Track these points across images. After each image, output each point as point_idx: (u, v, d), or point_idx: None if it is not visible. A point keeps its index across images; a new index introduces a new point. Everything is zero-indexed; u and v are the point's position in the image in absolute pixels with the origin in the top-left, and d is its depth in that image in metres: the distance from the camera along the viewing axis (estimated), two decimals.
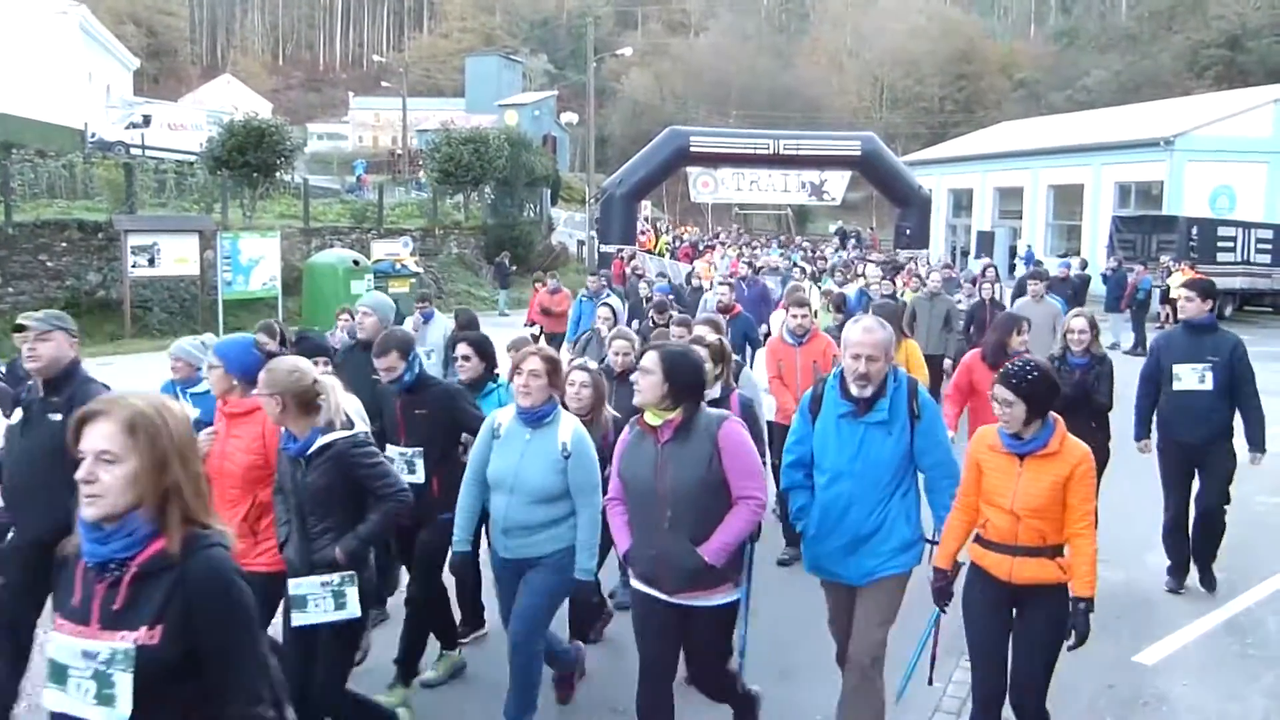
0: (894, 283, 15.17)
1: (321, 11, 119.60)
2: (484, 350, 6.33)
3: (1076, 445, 4.36)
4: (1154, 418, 7.39)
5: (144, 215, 22.81)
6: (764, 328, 12.84)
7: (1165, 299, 24.77)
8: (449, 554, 5.16)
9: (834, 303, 11.50)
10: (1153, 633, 6.35)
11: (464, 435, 5.83)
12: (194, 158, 30.50)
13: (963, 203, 44.02)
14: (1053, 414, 4.35)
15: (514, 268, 29.57)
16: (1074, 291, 17.57)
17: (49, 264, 20.36)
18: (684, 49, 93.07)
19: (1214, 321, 7.11)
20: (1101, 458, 6.61)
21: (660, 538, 4.29)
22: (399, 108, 62.04)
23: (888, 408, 4.52)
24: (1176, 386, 7.05)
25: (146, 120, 37.81)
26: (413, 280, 25.30)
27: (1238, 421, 7.17)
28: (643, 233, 39.02)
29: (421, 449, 5.53)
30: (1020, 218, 39.57)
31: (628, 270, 21.13)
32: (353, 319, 9.57)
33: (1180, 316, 7.23)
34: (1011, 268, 31.36)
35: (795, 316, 8.17)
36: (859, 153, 31.67)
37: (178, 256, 20.95)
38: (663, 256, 34.22)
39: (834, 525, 4.62)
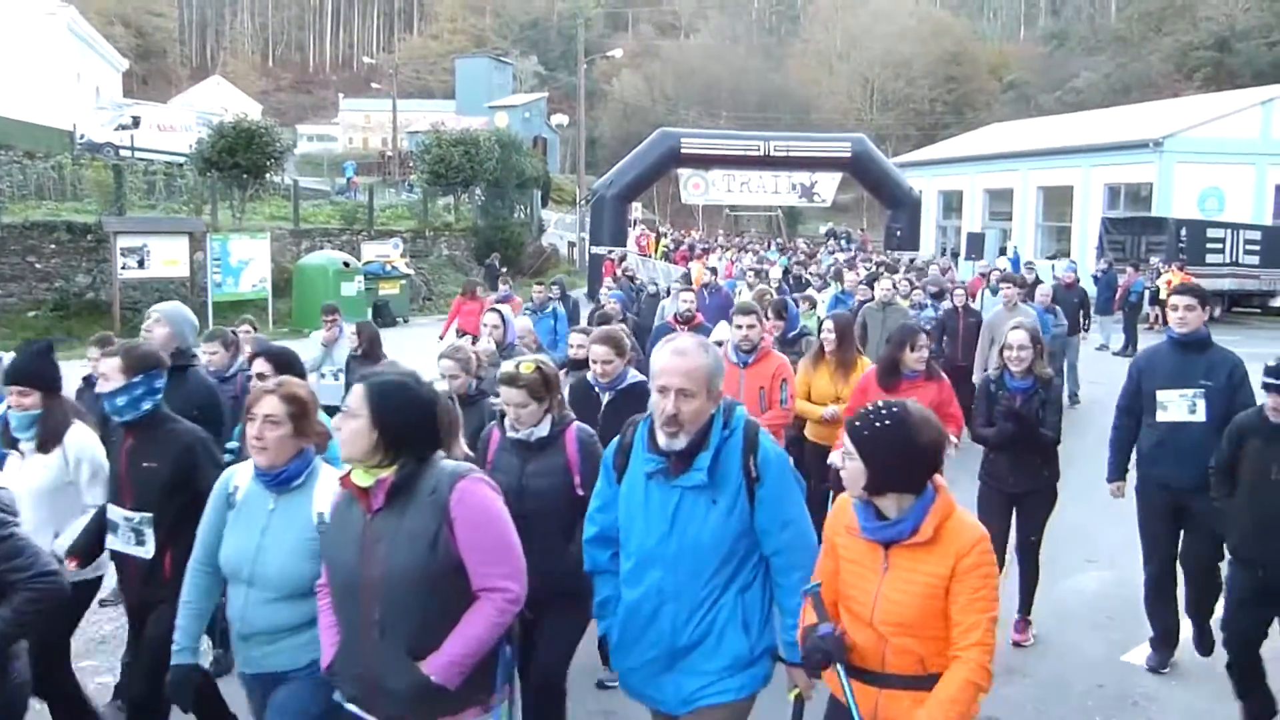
0: (871, 288, 13.52)
1: (311, 13, 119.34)
2: (290, 370, 4.90)
3: (963, 529, 3.03)
4: (1132, 454, 6.16)
5: (133, 217, 22.76)
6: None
7: (1155, 300, 24.88)
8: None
9: (774, 309, 8.85)
10: (1142, 633, 6.35)
11: None
12: (183, 159, 30.45)
13: (953, 204, 44.06)
14: (935, 482, 3.05)
15: (504, 269, 29.53)
16: (1080, 301, 15.48)
17: (38, 266, 20.30)
18: (674, 50, 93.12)
19: (1208, 336, 5.73)
20: (1048, 502, 6.31)
21: (368, 648, 3.06)
22: (389, 109, 61.93)
23: (708, 466, 3.26)
24: (1161, 417, 5.73)
25: (136, 122, 37.72)
26: (403, 282, 25.33)
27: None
28: (641, 236, 39.06)
29: (150, 514, 4.19)
30: (1010, 219, 39.63)
31: (619, 272, 21.13)
32: (340, 319, 9.50)
33: (1177, 330, 5.72)
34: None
35: (740, 328, 6.73)
36: (849, 154, 31.68)
37: (167, 258, 20.90)
38: (660, 259, 34.20)
39: (642, 630, 3.41)
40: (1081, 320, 15.44)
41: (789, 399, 6.72)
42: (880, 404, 3.06)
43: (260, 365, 5.16)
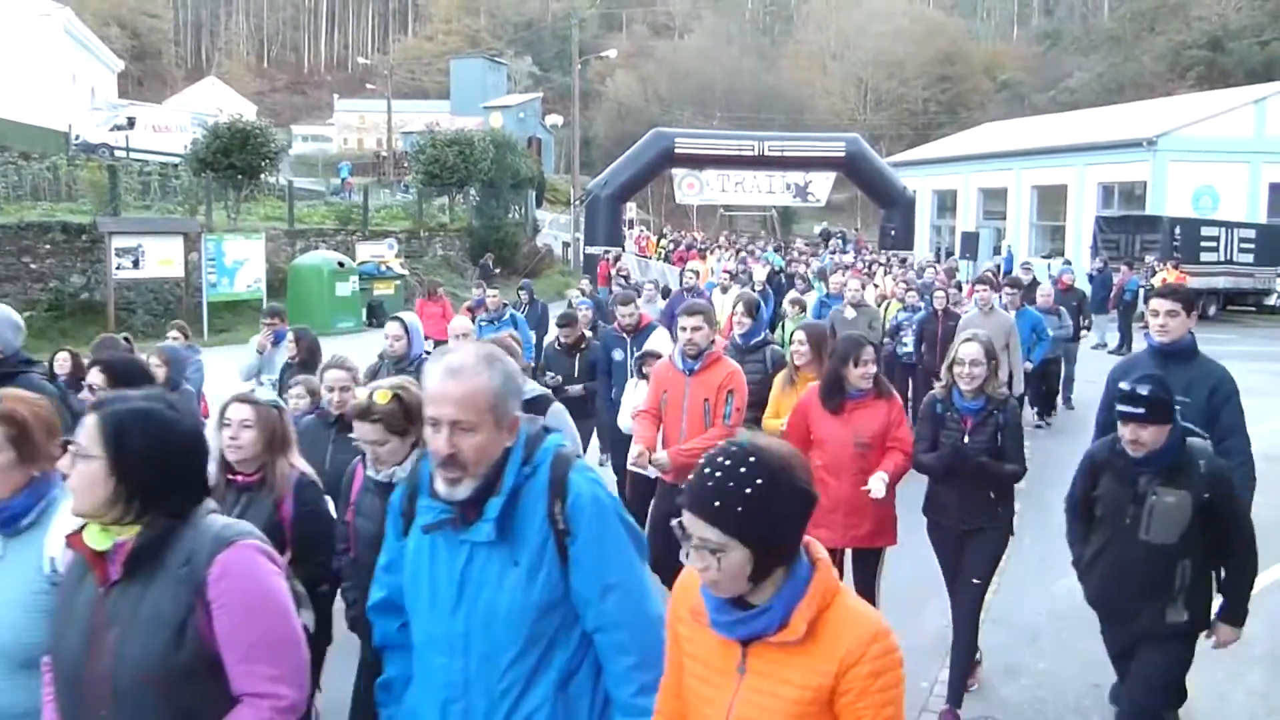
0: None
1: (306, 14, 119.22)
2: (128, 381, 4.25)
3: (854, 623, 2.10)
4: None
5: (128, 217, 22.73)
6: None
7: (1149, 298, 24.94)
8: None
9: (744, 305, 7.53)
10: None
11: None
12: (178, 160, 30.42)
13: (947, 204, 44.13)
14: (813, 552, 2.16)
15: (498, 270, 29.55)
16: (1078, 304, 14.63)
17: (33, 266, 20.26)
18: (668, 51, 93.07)
19: (1193, 346, 5.03)
20: (999, 542, 5.50)
21: None
22: (384, 110, 61.95)
23: (498, 515, 2.47)
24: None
25: (131, 122, 37.66)
26: (398, 282, 25.32)
27: None
28: (641, 237, 39.11)
29: None
30: (1004, 218, 39.70)
31: (613, 272, 21.15)
32: (282, 324, 8.70)
33: (1157, 339, 5.04)
34: (996, 269, 31.39)
35: (685, 330, 5.94)
36: (843, 154, 31.76)
37: (162, 258, 20.89)
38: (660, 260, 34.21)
39: None
40: (1080, 323, 14.70)
41: (734, 414, 5.85)
42: (726, 455, 2.03)
43: (94, 376, 4.42)
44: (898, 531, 5.57)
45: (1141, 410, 4.04)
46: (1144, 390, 4.04)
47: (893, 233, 32.48)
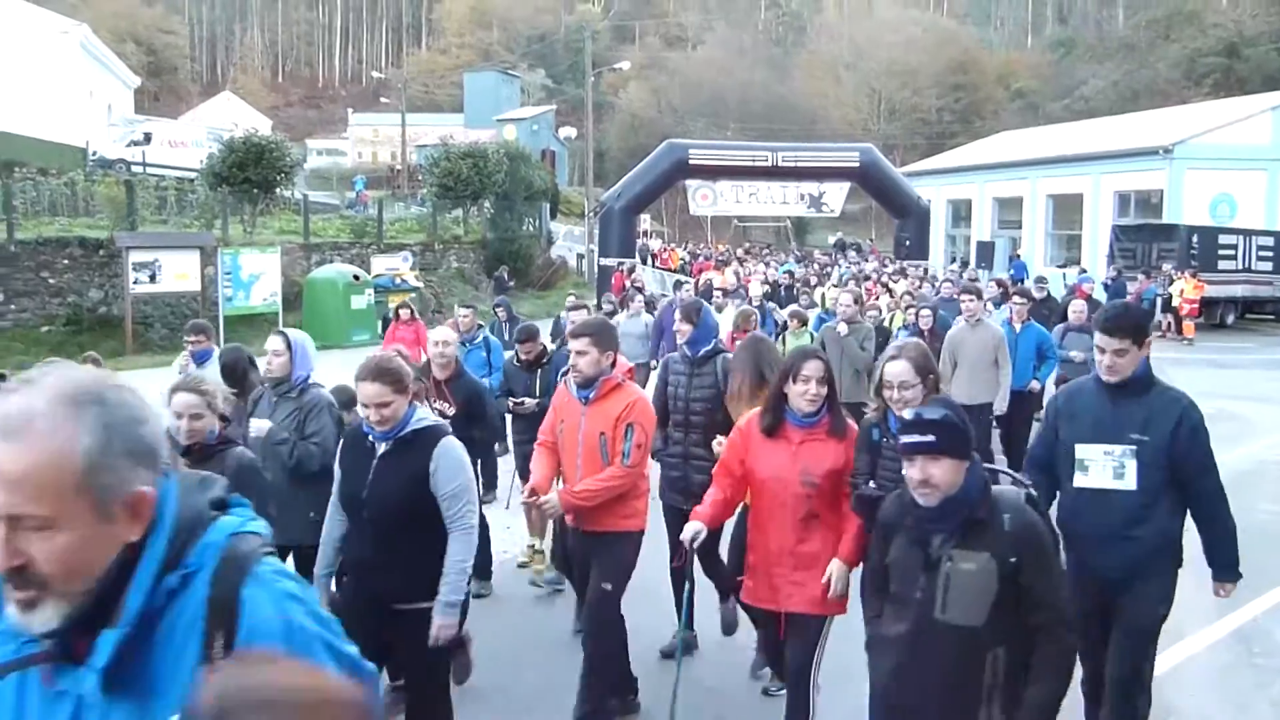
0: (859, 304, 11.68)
1: (320, 29, 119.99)
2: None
3: None
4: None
5: (145, 232, 22.88)
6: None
7: (1166, 307, 24.80)
8: None
9: (683, 312, 6.57)
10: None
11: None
12: (194, 174, 30.60)
13: (962, 213, 44.03)
14: None
15: (513, 282, 29.61)
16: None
17: (51, 281, 20.41)
18: (681, 62, 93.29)
19: (1147, 374, 4.32)
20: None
21: None
22: (398, 123, 62.19)
23: (111, 660, 1.51)
24: (1080, 481, 4.29)
25: (147, 138, 37.90)
26: (412, 295, 25.38)
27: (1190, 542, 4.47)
28: (663, 250, 39.22)
29: None
30: (1019, 228, 39.59)
31: (628, 283, 21.15)
32: (209, 341, 8.18)
33: (1105, 377, 4.28)
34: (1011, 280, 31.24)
35: (578, 353, 5.07)
36: (857, 164, 31.71)
37: (179, 273, 21.00)
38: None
39: None
40: None
41: (635, 452, 4.98)
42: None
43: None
44: (849, 597, 4.45)
45: (931, 438, 3.17)
46: (933, 414, 3.22)
47: (907, 242, 32.38)
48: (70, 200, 24.74)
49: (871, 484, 4.26)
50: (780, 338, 11.81)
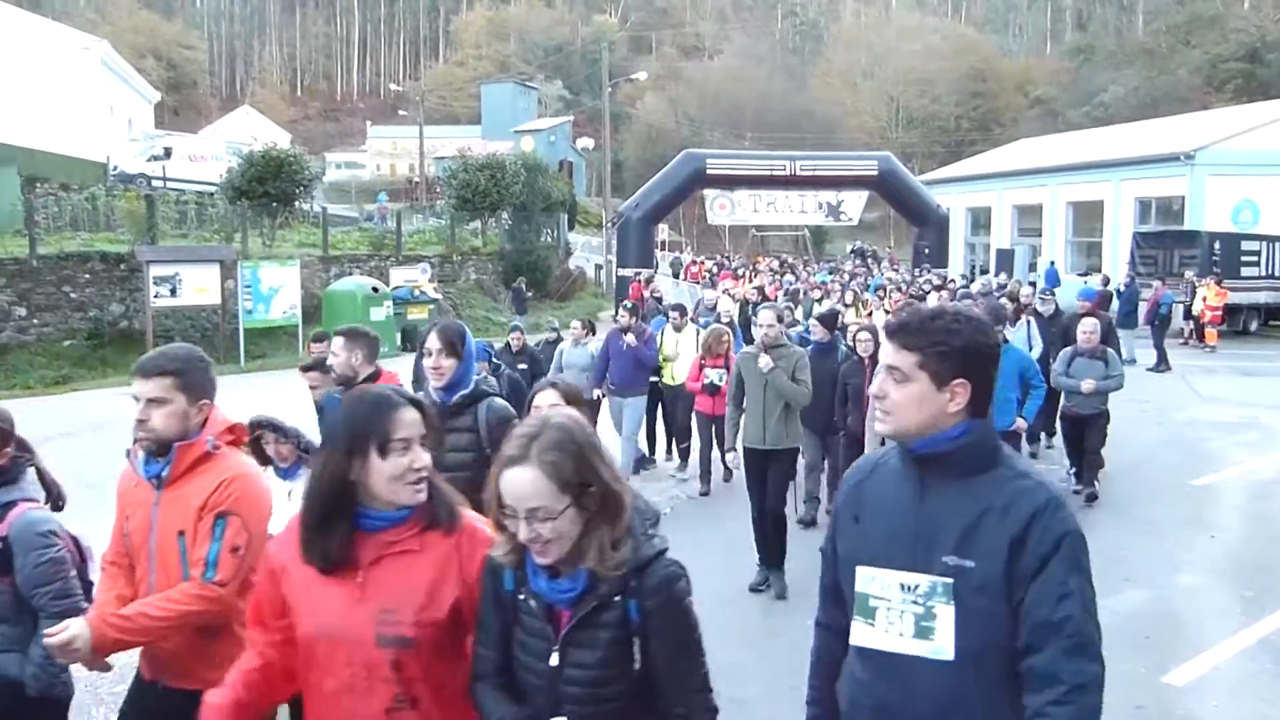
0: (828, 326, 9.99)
1: (338, 42, 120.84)
2: None
3: None
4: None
5: (165, 246, 23.03)
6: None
7: (1189, 315, 24.58)
8: None
9: (442, 338, 4.64)
10: (1182, 653, 6.25)
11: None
12: (214, 188, 30.82)
13: (981, 221, 43.87)
14: None
15: (531, 293, 29.66)
16: (1107, 330, 11.26)
17: (73, 295, 20.55)
18: (698, 72, 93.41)
19: (983, 438, 2.38)
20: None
21: None
22: (416, 136, 62.47)
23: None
24: (862, 637, 2.45)
25: (167, 152, 38.23)
26: (431, 306, 25.47)
27: None
28: (693, 263, 39.20)
29: None
30: (1039, 235, 39.41)
31: (646, 294, 21.10)
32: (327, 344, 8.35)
33: (878, 427, 2.58)
34: (1031, 284, 31.04)
35: (151, 402, 3.19)
36: (876, 172, 31.66)
37: (199, 286, 21.11)
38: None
39: None
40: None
41: (224, 559, 3.12)
42: None
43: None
44: None
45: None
46: None
47: (926, 251, 32.30)
48: (91, 215, 24.92)
49: None
50: None
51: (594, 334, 11.95)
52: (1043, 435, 11.79)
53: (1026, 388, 8.73)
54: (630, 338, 10.68)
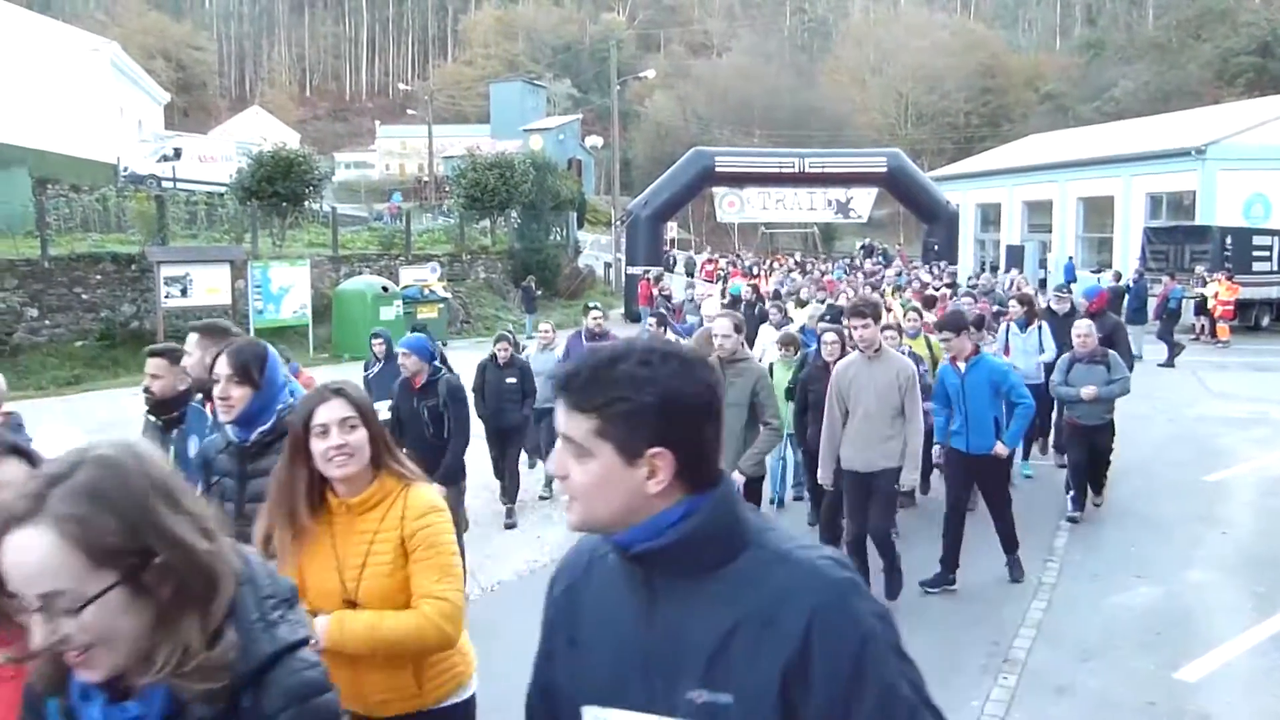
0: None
1: (347, 42, 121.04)
2: None
3: None
4: None
5: (176, 246, 23.10)
6: None
7: (1201, 310, 24.48)
8: None
9: (232, 366, 3.83)
10: (1194, 649, 6.23)
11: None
12: (224, 189, 30.88)
13: (991, 217, 43.73)
14: None
15: (540, 291, 29.67)
16: (1110, 333, 10.22)
17: (84, 296, 20.63)
18: (707, 70, 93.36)
19: (725, 514, 1.64)
20: None
21: None
22: (425, 135, 62.54)
23: None
24: None
25: (177, 153, 38.33)
26: (441, 305, 25.51)
27: None
28: (708, 261, 39.19)
29: None
30: (1050, 231, 39.27)
31: (655, 292, 21.12)
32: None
33: (570, 523, 1.70)
34: (1042, 282, 30.98)
35: None
36: (885, 169, 31.58)
37: (209, 286, 21.18)
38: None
39: None
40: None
41: None
42: None
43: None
44: None
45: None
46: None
47: (935, 247, 32.21)
48: (102, 216, 25.01)
49: None
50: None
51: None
52: (1034, 446, 11.10)
53: (1008, 405, 7.60)
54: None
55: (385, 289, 23.49)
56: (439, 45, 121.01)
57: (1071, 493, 9.22)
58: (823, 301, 15.62)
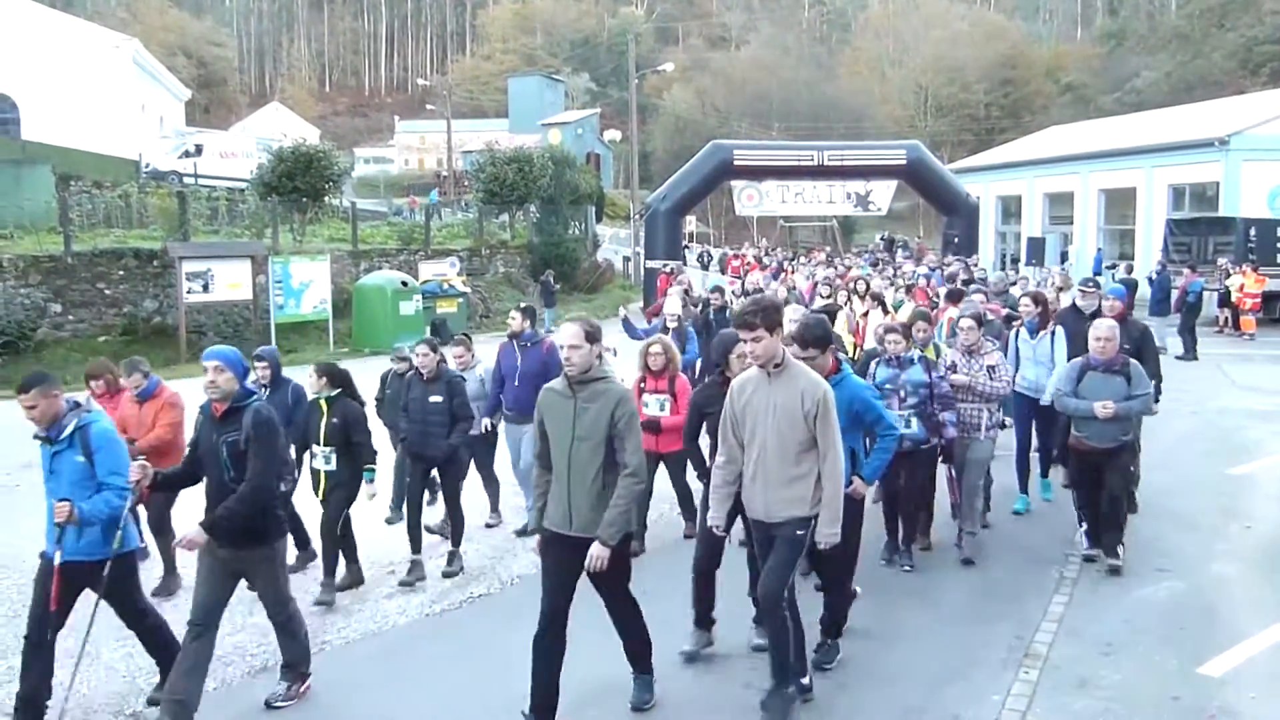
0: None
1: (366, 38, 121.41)
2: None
3: None
4: None
5: (197, 242, 23.21)
6: None
7: (1224, 302, 24.26)
8: None
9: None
10: (1218, 644, 6.19)
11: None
12: (245, 184, 31.03)
13: (1011, 209, 43.50)
14: None
15: (559, 285, 29.68)
16: (1139, 342, 8.68)
17: (107, 292, 20.77)
18: (725, 63, 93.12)
19: None
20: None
21: None
22: (444, 130, 62.73)
23: None
24: None
25: (198, 149, 38.54)
26: (460, 300, 25.55)
27: None
28: (736, 257, 39.02)
29: None
30: (1071, 223, 39.03)
31: (673, 286, 21.04)
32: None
33: None
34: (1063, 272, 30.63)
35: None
36: (904, 161, 31.42)
37: (230, 282, 21.28)
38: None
39: None
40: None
41: None
42: None
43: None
44: None
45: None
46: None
47: (955, 240, 32.03)
48: (124, 212, 25.17)
49: None
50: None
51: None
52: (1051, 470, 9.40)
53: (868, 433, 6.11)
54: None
55: (405, 284, 23.55)
56: (457, 40, 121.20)
57: (1083, 527, 7.88)
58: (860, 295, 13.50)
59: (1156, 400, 8.45)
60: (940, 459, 7.95)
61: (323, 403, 7.42)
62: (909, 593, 7.14)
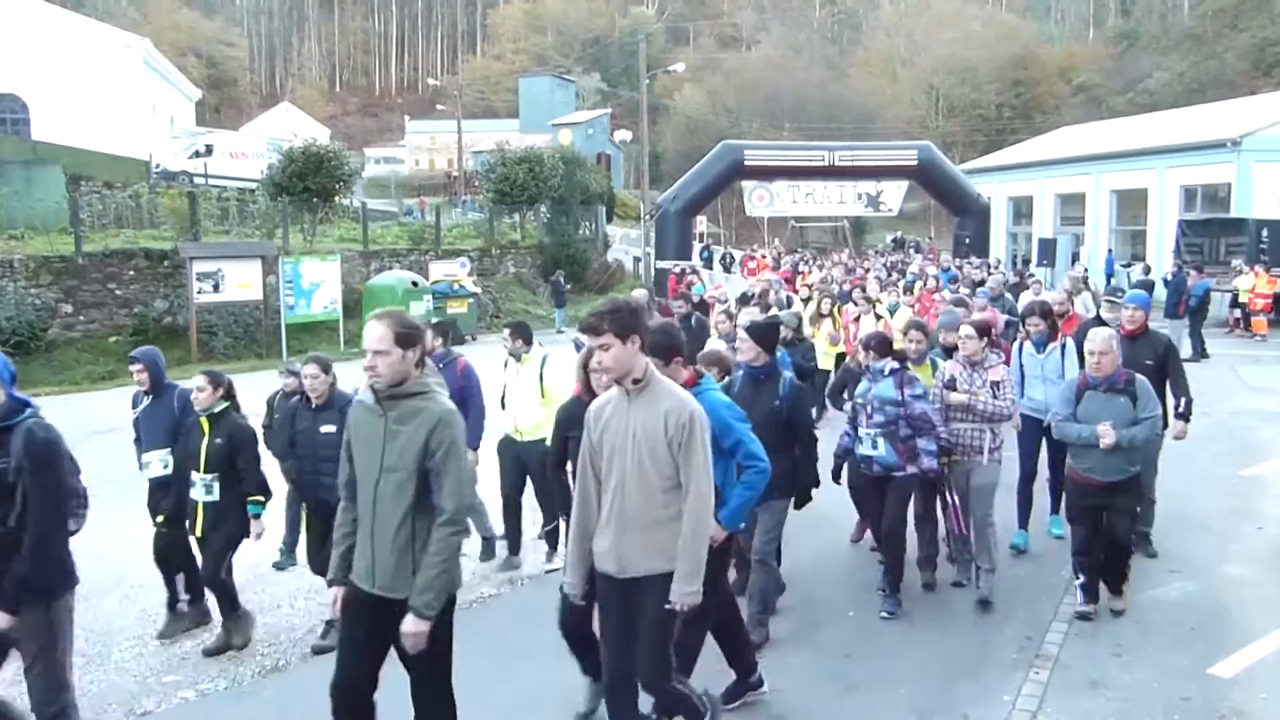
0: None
1: (376, 38, 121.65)
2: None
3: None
4: None
5: (208, 242, 23.27)
6: None
7: (1235, 304, 24.14)
8: None
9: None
10: (1229, 644, 6.15)
11: None
12: (255, 185, 31.09)
13: (1023, 210, 43.37)
14: None
15: (569, 285, 29.69)
16: (1160, 358, 7.81)
17: (118, 292, 20.84)
18: (736, 63, 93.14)
19: None
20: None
21: None
22: (454, 130, 62.66)
23: None
24: None
25: (209, 149, 38.63)
26: (471, 300, 25.59)
27: None
28: (749, 258, 38.87)
29: None
30: (1082, 224, 38.90)
31: (683, 286, 21.02)
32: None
33: None
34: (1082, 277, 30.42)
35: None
36: (915, 162, 31.38)
37: (241, 282, 21.33)
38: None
39: None
40: (1172, 399, 7.92)
41: None
42: None
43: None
44: None
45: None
46: None
47: (967, 240, 31.96)
48: (135, 212, 25.24)
49: None
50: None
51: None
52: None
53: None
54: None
55: (415, 284, 23.61)
56: (468, 40, 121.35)
57: (1080, 579, 6.68)
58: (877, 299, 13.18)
59: (1188, 420, 7.84)
60: (938, 488, 7.08)
61: (204, 420, 6.24)
62: (919, 593, 7.11)
